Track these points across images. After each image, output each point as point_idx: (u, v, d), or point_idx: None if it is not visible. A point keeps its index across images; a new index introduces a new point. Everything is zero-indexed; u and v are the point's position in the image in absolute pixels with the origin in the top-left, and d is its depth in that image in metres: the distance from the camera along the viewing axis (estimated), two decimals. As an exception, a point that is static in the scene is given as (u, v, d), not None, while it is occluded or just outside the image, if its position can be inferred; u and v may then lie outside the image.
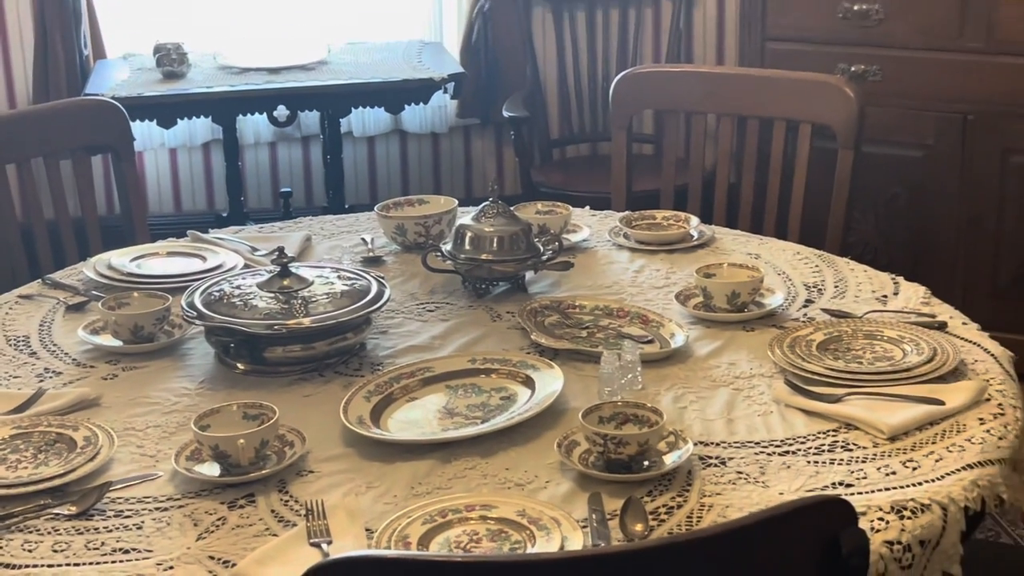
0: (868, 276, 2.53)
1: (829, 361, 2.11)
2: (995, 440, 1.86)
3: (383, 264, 2.59)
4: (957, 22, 4.05)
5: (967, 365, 2.11)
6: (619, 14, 4.74)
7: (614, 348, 2.04)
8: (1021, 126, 4.02)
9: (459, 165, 4.90)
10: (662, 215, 2.82)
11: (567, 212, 2.72)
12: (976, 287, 4.15)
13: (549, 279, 2.49)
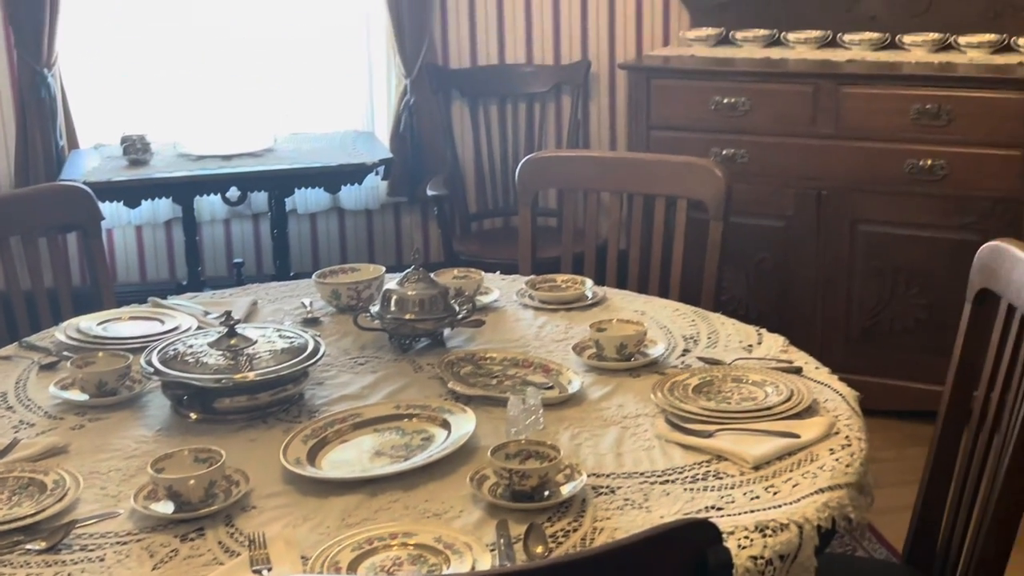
0: (736, 328, 2.55)
1: (703, 402, 2.12)
2: (843, 468, 1.88)
3: (320, 324, 2.57)
4: (810, 112, 4.12)
5: (819, 403, 2.13)
6: (526, 106, 4.78)
7: (519, 394, 2.04)
8: (866, 199, 4.09)
9: (390, 237, 4.90)
10: (562, 278, 2.82)
11: (480, 277, 2.72)
12: (831, 337, 4.20)
13: (464, 335, 2.49)
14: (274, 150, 4.27)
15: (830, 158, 4.12)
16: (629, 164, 3.38)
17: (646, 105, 4.34)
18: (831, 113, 4.10)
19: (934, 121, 3.97)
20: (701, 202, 2.99)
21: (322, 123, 4.66)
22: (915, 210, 4.04)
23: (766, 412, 2.08)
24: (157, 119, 4.56)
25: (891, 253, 4.10)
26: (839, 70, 4.15)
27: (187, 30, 4.62)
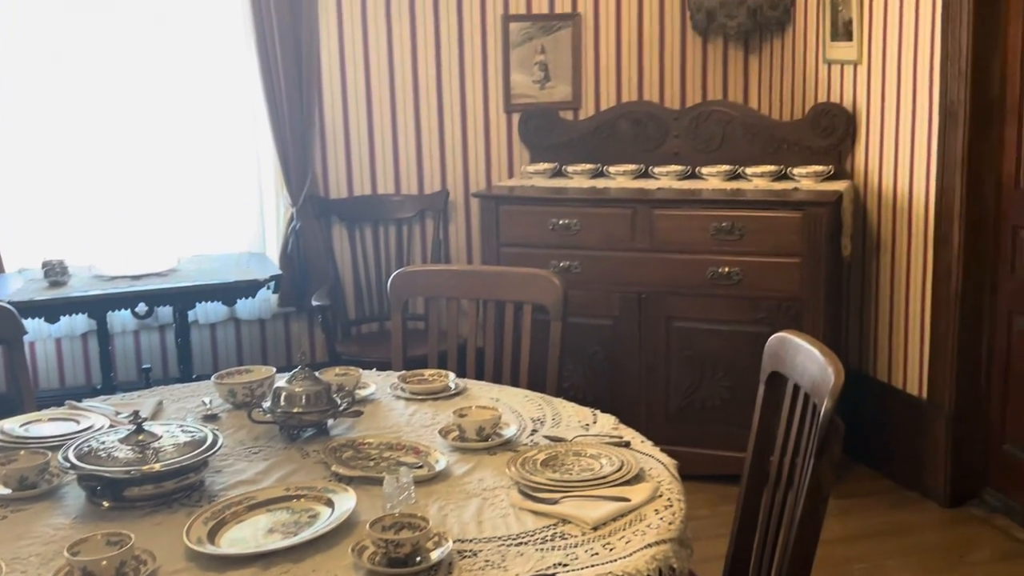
0: (576, 411, 2.54)
1: (549, 473, 2.11)
2: (667, 525, 1.90)
3: (219, 419, 2.49)
4: (630, 231, 4.19)
5: (645, 471, 2.14)
6: (395, 229, 4.78)
7: (394, 473, 2.01)
8: (678, 301, 4.16)
9: (280, 342, 4.81)
10: (428, 373, 2.80)
11: (358, 374, 2.68)
12: (653, 415, 4.23)
13: (345, 424, 2.44)
14: (178, 270, 4.19)
15: (647, 268, 4.19)
16: (483, 275, 3.39)
17: (496, 227, 4.37)
18: (647, 231, 4.18)
19: (729, 236, 4.06)
20: (543, 306, 3.01)
21: (220, 246, 4.59)
22: (717, 309, 4.12)
23: (602, 480, 2.08)
24: (75, 244, 4.44)
25: (700, 344, 4.17)
26: (652, 196, 4.23)
27: (103, 167, 4.53)
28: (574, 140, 4.75)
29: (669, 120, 4.64)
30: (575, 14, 4.84)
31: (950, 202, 3.88)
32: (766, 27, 4.79)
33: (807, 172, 4.28)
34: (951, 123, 3.84)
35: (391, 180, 4.80)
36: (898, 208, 4.16)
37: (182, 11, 4.48)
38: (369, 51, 4.68)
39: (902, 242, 4.15)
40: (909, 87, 4.04)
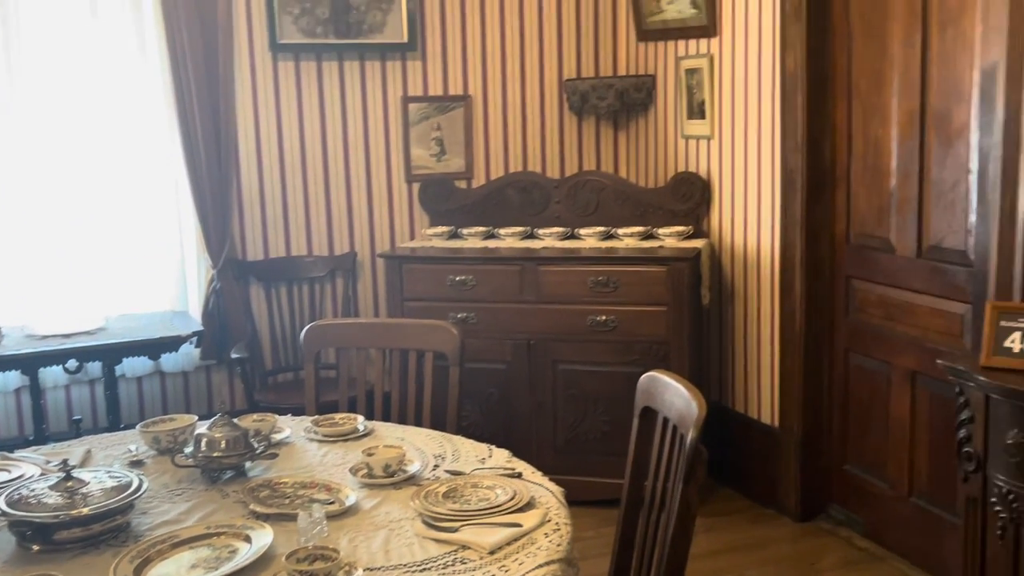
0: (473, 446, 2.52)
1: (450, 504, 2.09)
2: (555, 546, 1.90)
3: (144, 465, 2.39)
4: (519, 285, 4.21)
5: (536, 499, 2.14)
6: (308, 286, 4.71)
7: (307, 509, 1.95)
8: (563, 346, 4.18)
9: (203, 392, 4.67)
10: (339, 417, 2.74)
11: (274, 419, 2.62)
12: (543, 448, 4.22)
13: (263, 465, 2.37)
14: (106, 328, 4.05)
15: (535, 317, 4.20)
16: (388, 327, 3.37)
17: (400, 283, 4.34)
18: (533, 285, 4.20)
19: (605, 289, 4.10)
20: (443, 353, 2.99)
21: (145, 305, 4.45)
22: (596, 352, 4.14)
23: (497, 509, 2.07)
24: (6, 305, 4.26)
25: (582, 384, 4.19)
26: (537, 255, 4.25)
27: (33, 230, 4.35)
28: (468, 206, 4.77)
29: (550, 188, 4.69)
30: (467, 96, 4.88)
31: (792, 256, 3.98)
32: (632, 108, 4.88)
33: (670, 232, 4.36)
34: (790, 189, 3.96)
35: (304, 243, 4.74)
36: (748, 262, 4.25)
37: (109, 82, 4.35)
38: (282, 127, 4.64)
39: (752, 291, 4.25)
40: (755, 158, 4.16)
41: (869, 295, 3.78)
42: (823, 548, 3.85)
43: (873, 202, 3.72)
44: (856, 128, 3.78)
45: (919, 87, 3.46)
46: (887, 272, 3.67)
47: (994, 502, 2.47)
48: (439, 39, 4.82)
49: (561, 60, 4.99)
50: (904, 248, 3.59)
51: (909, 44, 3.48)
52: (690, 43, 4.49)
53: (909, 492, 3.65)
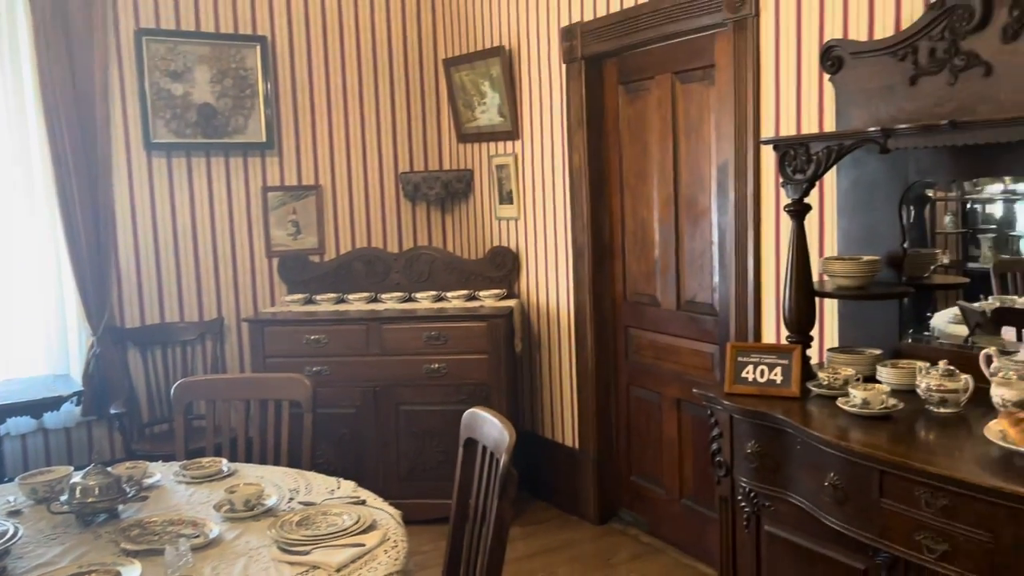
0: (324, 480, 2.45)
1: (303, 531, 2.03)
2: (393, 561, 1.87)
3: (22, 514, 2.22)
4: (365, 341, 4.15)
5: (377, 521, 2.10)
6: (181, 348, 4.49)
7: (174, 544, 1.85)
8: (404, 391, 4.14)
9: (84, 446, 4.33)
10: (206, 460, 2.62)
11: (145, 466, 2.48)
12: (388, 477, 4.14)
13: (134, 507, 2.23)
14: (-9, 392, 3.73)
15: (379, 368, 4.15)
16: (249, 381, 3.26)
17: (262, 343, 4.21)
18: (378, 341, 4.15)
19: (437, 342, 4.11)
20: (298, 402, 2.91)
21: (29, 370, 4.12)
22: (432, 394, 4.12)
23: (343, 531, 2.03)
24: None
25: (421, 422, 4.15)
26: (380, 315, 4.22)
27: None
28: (320, 276, 4.69)
29: (391, 260, 4.68)
30: (317, 185, 4.83)
31: (583, 312, 4.10)
32: (455, 195, 4.95)
33: (488, 294, 4.42)
34: (580, 259, 4.09)
35: (176, 311, 4.53)
36: (550, 317, 4.35)
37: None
38: (156, 212, 4.45)
39: (554, 340, 4.34)
40: (552, 235, 4.28)
41: (643, 340, 3.92)
42: (617, 545, 3.92)
43: (642, 268, 3.88)
44: (627, 211, 3.94)
45: (672, 180, 3.65)
46: (655, 322, 3.83)
47: (740, 500, 2.54)
48: (293, 138, 4.76)
49: (396, 157, 5.02)
50: (667, 303, 3.76)
51: (664, 148, 3.68)
52: (499, 144, 4.61)
53: (680, 495, 3.78)
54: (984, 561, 1.85)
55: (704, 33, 3.35)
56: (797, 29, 2.94)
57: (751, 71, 3.08)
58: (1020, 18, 2.22)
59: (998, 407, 2.11)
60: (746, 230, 3.17)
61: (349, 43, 4.84)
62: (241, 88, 4.56)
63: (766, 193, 3.11)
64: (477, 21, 4.66)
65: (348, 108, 4.88)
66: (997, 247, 2.63)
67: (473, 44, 4.70)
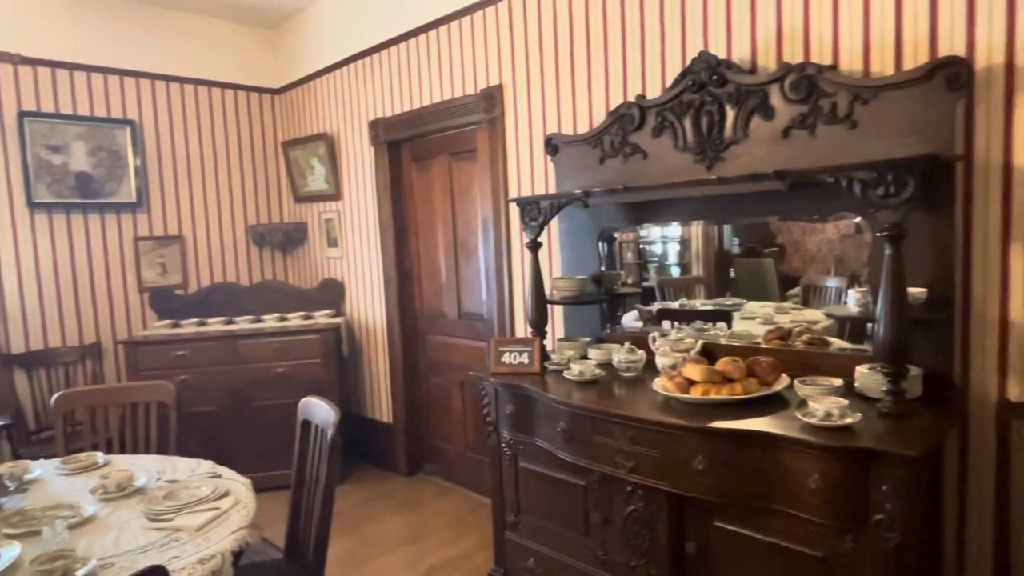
0: (187, 462, 2.21)
1: (168, 503, 1.81)
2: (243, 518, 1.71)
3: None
4: (223, 354, 3.81)
5: (231, 490, 1.93)
6: (64, 368, 3.88)
7: (51, 524, 1.59)
8: (257, 390, 3.83)
9: (-28, 454, 3.65)
10: (83, 455, 2.27)
11: (26, 464, 2.11)
12: (246, 457, 3.81)
13: (16, 499, 1.90)
14: None
15: (236, 375, 3.81)
16: (123, 388, 2.85)
17: (135, 361, 3.74)
18: (233, 354, 3.82)
19: (281, 351, 3.85)
20: (164, 403, 2.62)
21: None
22: (279, 392, 3.84)
23: (202, 500, 1.84)
24: None
25: (272, 414, 3.85)
26: (235, 333, 3.87)
27: None
28: (185, 306, 4.26)
29: (243, 291, 4.34)
30: (181, 235, 4.40)
31: (393, 324, 4.02)
32: (294, 242, 4.70)
33: (322, 314, 4.22)
34: (390, 286, 4.02)
35: (58, 335, 3.93)
36: (369, 329, 4.24)
37: None
38: (39, 260, 3.84)
39: (373, 346, 4.23)
40: (368, 269, 4.18)
41: (436, 342, 3.91)
42: (423, 490, 3.86)
43: (434, 290, 3.89)
44: (422, 250, 3.93)
45: (452, 228, 3.70)
46: (444, 328, 3.84)
47: (503, 447, 2.58)
48: (159, 199, 4.31)
49: (246, 212, 4.68)
50: (451, 314, 3.78)
51: (445, 205, 3.72)
52: (326, 204, 4.44)
53: (465, 449, 3.79)
54: (656, 469, 2.01)
55: (469, 127, 3.43)
56: (529, 125, 3.10)
57: (501, 153, 3.20)
58: (662, 122, 2.49)
59: (660, 369, 2.32)
60: (502, 261, 3.26)
61: (205, 125, 4.47)
62: (114, 160, 4.07)
63: (514, 235, 3.23)
64: (307, 113, 4.48)
65: (206, 175, 4.50)
66: (659, 272, 2.87)
67: (304, 130, 4.51)
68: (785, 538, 1.80)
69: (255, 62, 4.63)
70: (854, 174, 1.76)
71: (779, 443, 1.75)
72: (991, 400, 1.97)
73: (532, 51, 3.02)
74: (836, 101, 2.06)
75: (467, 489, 3.79)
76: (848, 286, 2.13)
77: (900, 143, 1.94)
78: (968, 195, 1.95)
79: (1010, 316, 1.90)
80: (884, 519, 1.63)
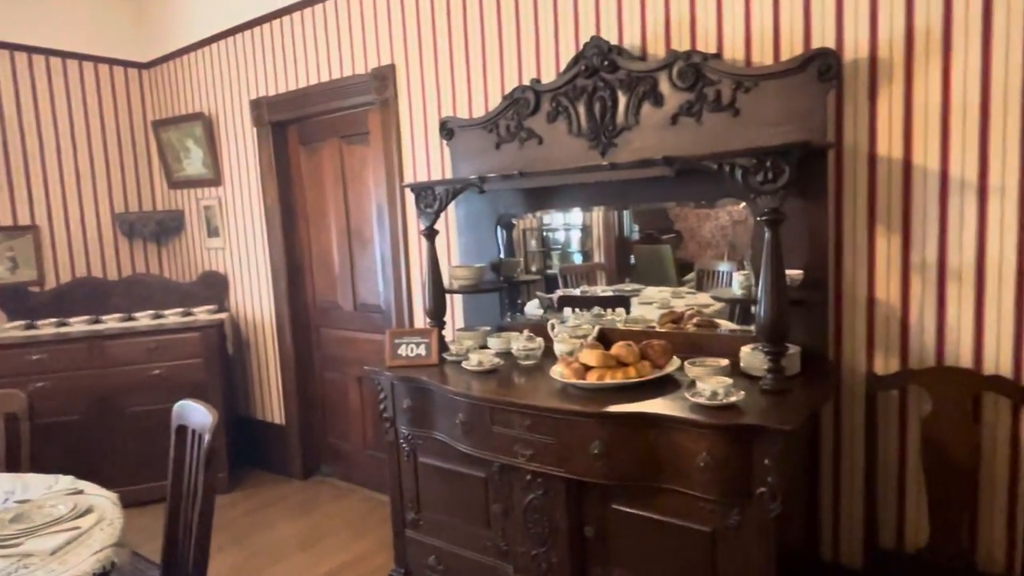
0: (42, 478, 2.04)
1: (16, 526, 1.66)
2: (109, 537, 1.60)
3: None
4: (88, 357, 3.53)
5: (94, 506, 1.80)
6: None
7: None
8: (130, 395, 3.58)
9: None
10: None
11: None
12: (117, 468, 3.56)
13: None
14: None
15: (104, 379, 3.55)
16: None
17: None
18: (101, 355, 3.56)
19: (157, 351, 3.62)
20: (14, 414, 2.39)
21: None
22: (156, 397, 3.62)
23: (58, 520, 1.70)
24: None
25: (148, 420, 3.62)
26: (102, 333, 3.60)
27: None
28: (41, 304, 3.91)
29: (111, 287, 4.05)
30: (34, 225, 4.02)
31: (283, 317, 3.89)
32: (169, 231, 4.42)
33: (203, 310, 4.00)
34: (279, 276, 3.87)
35: None
36: (258, 324, 4.07)
37: None
38: None
39: (262, 342, 4.07)
40: (255, 259, 4.00)
41: (331, 336, 3.82)
42: (320, 493, 3.78)
43: (328, 281, 3.79)
44: (313, 239, 3.82)
45: (344, 214, 3.61)
46: (338, 321, 3.75)
47: (402, 442, 2.56)
48: (6, 183, 3.91)
49: (112, 200, 4.35)
50: (346, 306, 3.70)
51: (337, 191, 3.63)
52: (205, 190, 4.20)
53: (364, 447, 3.74)
54: (553, 457, 2.06)
55: (361, 108, 3.35)
56: (423, 108, 3.07)
57: (394, 136, 3.15)
58: (557, 107, 2.53)
59: (558, 356, 2.39)
60: (399, 249, 3.23)
61: (61, 102, 4.09)
62: (-56, 138, 3.66)
63: (411, 222, 3.20)
64: (180, 91, 4.21)
65: (63, 158, 4.12)
66: (562, 259, 2.93)
67: (177, 109, 4.23)
68: (677, 516, 1.90)
69: (118, 32, 4.28)
70: (736, 160, 1.87)
71: (670, 423, 1.85)
72: (861, 373, 2.16)
73: (425, 30, 2.99)
74: (720, 89, 2.18)
75: (367, 489, 3.74)
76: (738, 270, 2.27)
77: (778, 131, 2.08)
78: (839, 182, 2.13)
79: (875, 295, 2.10)
80: (766, 492, 1.75)
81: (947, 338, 2.02)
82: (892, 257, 2.07)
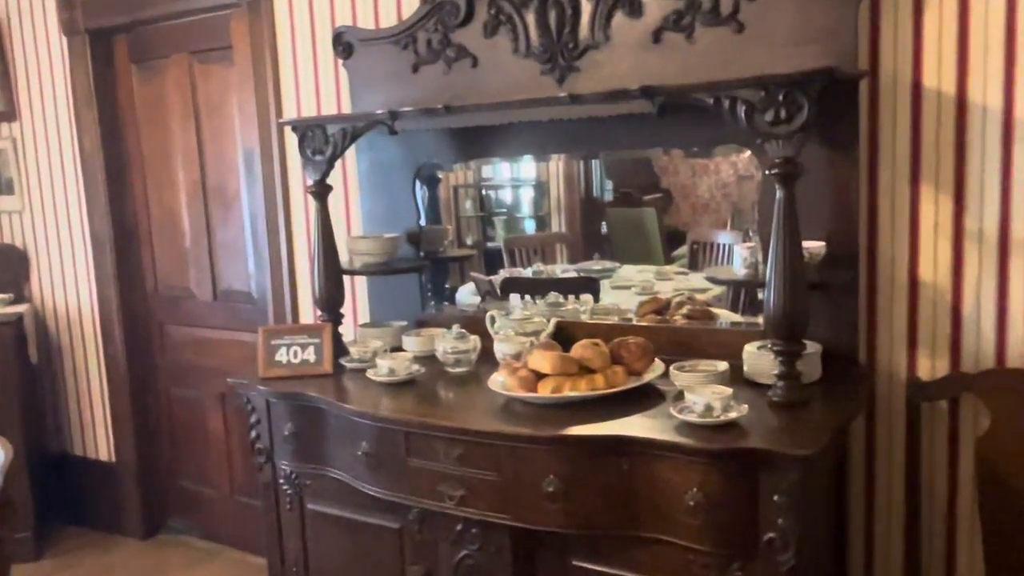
0: None
1: None
2: None
3: None
4: None
5: None
6: None
7: None
8: None
9: None
10: None
11: None
12: None
13: None
14: None
15: None
16: None
17: None
18: None
19: None
20: None
21: None
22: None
23: None
24: None
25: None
26: None
27: None
28: None
29: None
30: None
31: (109, 309, 3.82)
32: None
33: (-9, 299, 3.89)
34: (100, 251, 3.79)
35: None
36: (71, 318, 3.98)
37: None
38: None
39: (79, 343, 3.98)
40: (66, 227, 3.91)
41: (180, 336, 3.77)
42: (168, 557, 3.74)
43: (174, 257, 3.73)
44: (152, 197, 3.75)
45: (198, 163, 3.56)
46: (192, 315, 3.71)
47: (282, 482, 2.54)
48: None
49: None
50: (203, 294, 3.66)
51: (187, 130, 3.56)
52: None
53: (232, 492, 3.72)
54: (495, 497, 2.07)
55: (219, 12, 3.29)
56: (310, 13, 3.03)
57: (269, 52, 3.11)
58: (497, 15, 2.54)
59: (500, 360, 2.41)
60: (276, 214, 3.20)
61: None
62: None
63: (294, 176, 3.17)
64: (-48, -20, 4.03)
65: None
66: (508, 228, 2.95)
67: (-52, 7, 4.06)
68: (660, 574, 1.95)
69: None
70: (738, 92, 1.91)
71: (650, 450, 1.89)
72: (900, 379, 2.22)
73: (311, -99, 2.96)
74: (719, -6, 2.22)
75: (236, 549, 3.73)
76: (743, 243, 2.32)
77: (795, 54, 2.13)
78: (873, 124, 2.20)
79: (919, 275, 2.19)
80: (776, 538, 1.81)
81: (1010, 333, 2.05)
82: (941, 225, 2.11)
